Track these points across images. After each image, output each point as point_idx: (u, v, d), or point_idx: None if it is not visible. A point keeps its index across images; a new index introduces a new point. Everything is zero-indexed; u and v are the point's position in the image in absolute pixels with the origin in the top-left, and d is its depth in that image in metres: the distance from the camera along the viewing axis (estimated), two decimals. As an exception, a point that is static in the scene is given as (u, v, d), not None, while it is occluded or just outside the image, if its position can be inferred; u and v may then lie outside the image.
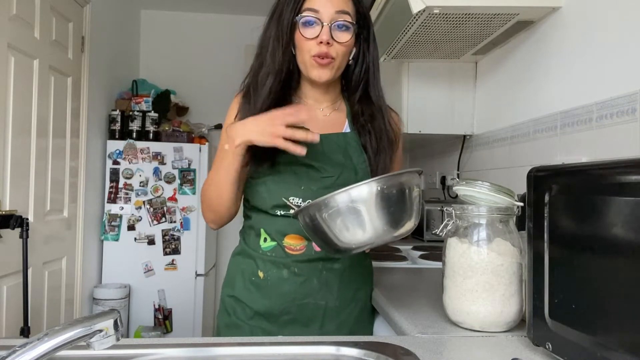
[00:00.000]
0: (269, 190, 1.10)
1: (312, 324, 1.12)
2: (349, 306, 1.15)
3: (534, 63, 1.59)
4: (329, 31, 1.04)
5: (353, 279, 1.16)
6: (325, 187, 1.06)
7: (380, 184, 0.81)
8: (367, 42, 1.13)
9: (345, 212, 0.82)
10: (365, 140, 1.13)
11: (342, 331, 1.12)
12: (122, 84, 3.52)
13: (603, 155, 1.21)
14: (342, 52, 1.08)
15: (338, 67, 1.10)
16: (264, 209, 1.12)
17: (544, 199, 0.76)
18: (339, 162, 1.11)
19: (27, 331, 2.01)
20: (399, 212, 0.84)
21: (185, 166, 3.29)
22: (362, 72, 1.14)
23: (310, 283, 1.11)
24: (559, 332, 0.72)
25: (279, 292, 1.11)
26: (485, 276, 0.89)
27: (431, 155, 2.83)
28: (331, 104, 1.18)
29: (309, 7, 1.05)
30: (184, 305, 3.26)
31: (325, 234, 0.86)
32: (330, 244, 0.88)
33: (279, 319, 1.12)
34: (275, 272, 1.11)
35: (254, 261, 1.14)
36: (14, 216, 2.03)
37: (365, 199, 0.82)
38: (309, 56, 1.07)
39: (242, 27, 3.89)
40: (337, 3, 1.05)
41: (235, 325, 1.14)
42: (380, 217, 0.83)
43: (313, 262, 1.11)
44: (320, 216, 0.84)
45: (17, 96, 2.18)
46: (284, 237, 1.11)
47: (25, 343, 0.50)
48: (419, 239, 2.46)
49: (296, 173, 1.09)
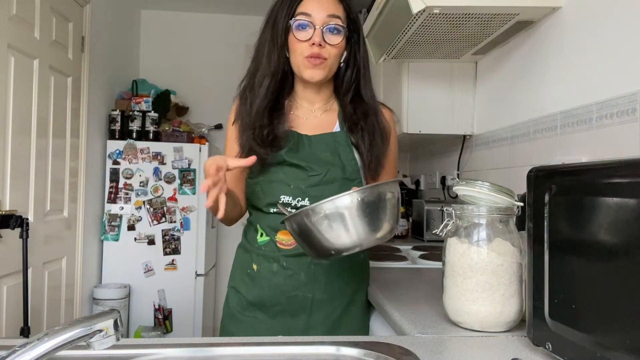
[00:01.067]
0: (263, 190, 1.18)
1: (300, 314, 1.18)
2: (336, 300, 1.20)
3: (534, 63, 1.59)
4: (321, 34, 1.12)
5: (341, 274, 1.21)
6: (312, 185, 1.15)
7: (360, 194, 0.89)
8: (357, 45, 1.20)
9: (328, 218, 0.89)
10: (357, 138, 1.18)
11: (328, 323, 1.18)
12: (122, 84, 3.52)
13: (603, 155, 1.21)
14: (334, 53, 1.15)
15: (330, 68, 1.16)
16: (259, 207, 1.20)
17: (544, 199, 0.76)
18: (327, 160, 1.17)
19: (27, 331, 2.01)
20: (378, 217, 0.90)
21: (185, 166, 3.29)
22: (354, 74, 1.21)
23: (298, 276, 1.17)
24: (559, 332, 0.72)
25: (270, 284, 1.18)
26: (485, 276, 0.89)
27: (431, 155, 2.83)
28: (323, 104, 1.25)
29: (302, 12, 1.13)
30: (184, 305, 3.26)
31: (311, 239, 0.91)
32: (317, 249, 0.93)
33: (270, 309, 1.18)
34: (266, 265, 1.19)
35: (250, 255, 1.22)
36: (14, 216, 2.03)
37: (348, 206, 0.88)
38: (302, 57, 1.13)
39: (242, 27, 3.89)
40: (329, 8, 1.13)
41: (233, 316, 1.22)
42: (361, 223, 0.89)
43: (301, 257, 1.16)
44: (307, 222, 0.90)
45: (17, 96, 2.18)
46: (276, 232, 1.18)
47: (25, 343, 0.50)
48: (419, 239, 2.46)
49: (285, 173, 1.16)
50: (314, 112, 1.24)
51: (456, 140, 2.29)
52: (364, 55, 1.21)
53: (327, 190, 1.11)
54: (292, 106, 1.24)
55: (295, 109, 1.24)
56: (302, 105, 1.24)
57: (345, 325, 1.20)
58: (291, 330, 1.17)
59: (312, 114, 1.24)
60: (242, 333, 1.18)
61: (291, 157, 1.16)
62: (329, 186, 1.14)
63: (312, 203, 1.07)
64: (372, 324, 1.26)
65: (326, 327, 1.18)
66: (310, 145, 1.18)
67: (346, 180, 1.16)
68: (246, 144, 1.17)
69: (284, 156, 1.16)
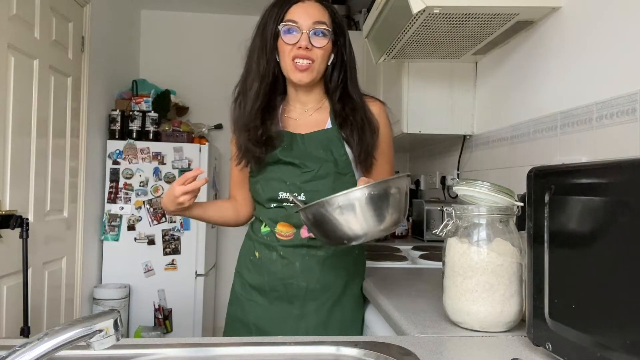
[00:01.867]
0: (263, 187, 1.28)
1: (295, 301, 1.27)
2: (330, 290, 1.27)
3: (534, 63, 1.59)
4: (307, 37, 1.21)
5: (335, 266, 1.28)
6: (307, 181, 1.24)
7: (369, 189, 0.96)
8: (344, 47, 1.29)
9: (341, 209, 0.97)
10: (347, 133, 1.26)
11: (322, 311, 1.26)
12: (122, 84, 3.52)
13: (603, 155, 1.21)
14: (321, 55, 1.23)
15: (317, 71, 1.25)
16: (261, 202, 1.31)
17: (544, 199, 0.76)
18: (319, 156, 1.25)
19: (27, 331, 2.01)
20: (383, 210, 0.98)
21: (185, 166, 3.29)
22: (341, 74, 1.29)
23: (293, 266, 1.26)
24: (559, 332, 0.72)
25: (269, 271, 1.28)
26: (485, 276, 0.89)
27: (431, 155, 2.83)
28: (316, 104, 1.33)
29: (290, 19, 1.22)
30: (184, 305, 3.26)
31: (324, 227, 1.00)
32: (329, 237, 1.02)
33: (269, 294, 1.28)
34: (267, 253, 1.29)
35: (253, 243, 1.33)
36: (14, 216, 2.03)
37: (359, 198, 0.96)
38: (290, 61, 1.22)
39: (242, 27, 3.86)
40: (314, 15, 1.22)
41: (237, 299, 1.34)
42: (371, 214, 0.97)
43: (297, 248, 1.26)
44: (323, 211, 0.98)
45: (17, 96, 2.18)
46: (275, 224, 1.28)
47: (25, 343, 0.50)
48: (419, 239, 2.46)
49: (281, 171, 1.26)
50: (307, 112, 1.32)
51: (456, 140, 2.29)
52: (350, 57, 1.30)
53: (321, 185, 1.22)
54: (286, 109, 1.33)
55: (289, 111, 1.33)
56: (295, 107, 1.33)
57: (336, 316, 1.27)
58: (286, 315, 1.26)
59: (305, 113, 1.32)
60: (243, 314, 1.31)
61: (285, 155, 1.25)
62: (322, 181, 1.23)
63: (307, 198, 1.21)
64: (372, 324, 1.26)
65: (318, 317, 1.26)
66: (304, 144, 1.27)
67: (338, 174, 1.25)
68: (242, 145, 1.28)
69: (278, 155, 1.25)
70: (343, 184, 1.20)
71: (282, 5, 1.24)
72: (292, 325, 1.25)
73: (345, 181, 1.23)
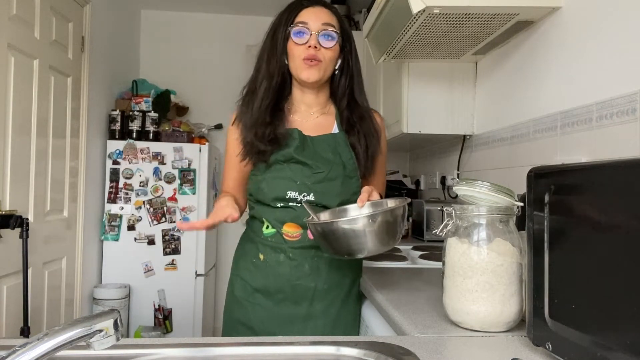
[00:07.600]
0: (270, 186, 1.27)
1: (302, 302, 1.27)
2: (336, 289, 1.30)
3: (534, 63, 1.59)
4: (316, 38, 1.25)
5: (341, 266, 1.30)
6: (317, 182, 1.25)
7: (382, 216, 1.06)
8: (350, 54, 1.32)
9: (346, 231, 1.06)
10: (354, 140, 1.30)
11: (330, 311, 1.28)
12: (122, 84, 3.52)
13: (603, 156, 1.21)
14: (329, 56, 1.27)
15: (325, 70, 1.27)
16: (265, 202, 1.28)
17: (544, 199, 0.76)
18: (329, 159, 1.27)
19: (27, 331, 2.01)
20: (386, 233, 1.08)
21: (185, 166, 3.29)
22: (347, 80, 1.33)
23: (302, 267, 1.27)
24: (559, 332, 0.72)
25: (276, 273, 1.27)
26: (485, 276, 0.89)
27: (431, 155, 2.83)
28: (321, 107, 1.35)
29: (300, 21, 1.26)
30: (184, 305, 3.26)
31: (331, 242, 1.10)
32: (335, 250, 1.11)
33: (274, 296, 1.28)
34: (273, 255, 1.28)
35: (256, 245, 1.31)
36: (14, 216, 2.03)
37: (369, 224, 1.05)
38: (300, 60, 1.25)
39: (242, 27, 3.89)
40: (323, 17, 1.27)
41: (238, 302, 1.32)
42: (377, 236, 1.07)
43: (306, 249, 1.27)
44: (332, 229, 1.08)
45: (17, 96, 2.18)
46: (282, 225, 1.27)
47: (25, 343, 0.50)
48: (419, 239, 2.46)
49: (292, 170, 1.26)
50: (313, 115, 1.34)
51: (456, 140, 2.29)
52: (357, 64, 1.34)
53: (330, 187, 1.24)
54: (291, 110, 1.35)
55: (294, 112, 1.34)
56: (300, 109, 1.35)
57: (343, 315, 1.30)
58: (293, 317, 1.26)
59: (311, 116, 1.34)
60: (246, 318, 1.29)
61: (299, 154, 1.25)
62: (331, 182, 1.25)
63: (316, 198, 1.24)
64: (372, 323, 1.26)
65: (327, 317, 1.27)
66: (313, 145, 1.28)
67: (347, 177, 1.27)
68: (249, 142, 1.28)
69: (292, 154, 1.25)
70: (350, 187, 1.27)
71: (293, 9, 1.28)
72: (300, 327, 1.25)
73: (351, 184, 1.27)
